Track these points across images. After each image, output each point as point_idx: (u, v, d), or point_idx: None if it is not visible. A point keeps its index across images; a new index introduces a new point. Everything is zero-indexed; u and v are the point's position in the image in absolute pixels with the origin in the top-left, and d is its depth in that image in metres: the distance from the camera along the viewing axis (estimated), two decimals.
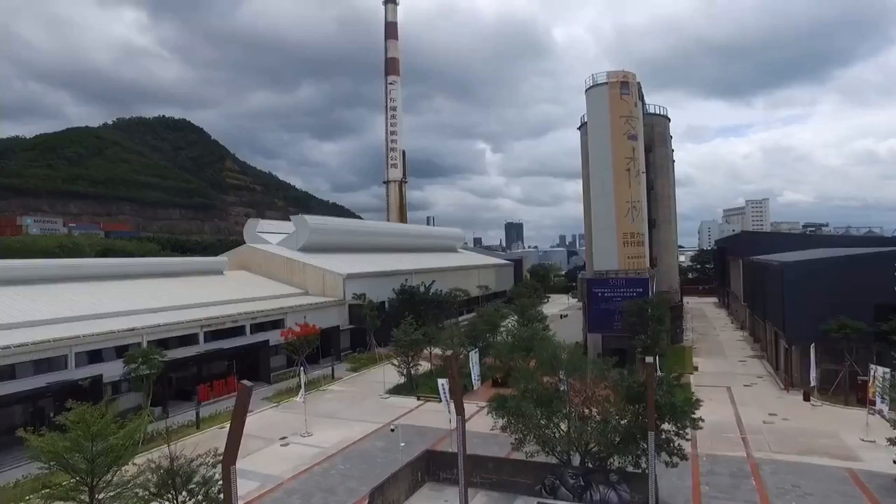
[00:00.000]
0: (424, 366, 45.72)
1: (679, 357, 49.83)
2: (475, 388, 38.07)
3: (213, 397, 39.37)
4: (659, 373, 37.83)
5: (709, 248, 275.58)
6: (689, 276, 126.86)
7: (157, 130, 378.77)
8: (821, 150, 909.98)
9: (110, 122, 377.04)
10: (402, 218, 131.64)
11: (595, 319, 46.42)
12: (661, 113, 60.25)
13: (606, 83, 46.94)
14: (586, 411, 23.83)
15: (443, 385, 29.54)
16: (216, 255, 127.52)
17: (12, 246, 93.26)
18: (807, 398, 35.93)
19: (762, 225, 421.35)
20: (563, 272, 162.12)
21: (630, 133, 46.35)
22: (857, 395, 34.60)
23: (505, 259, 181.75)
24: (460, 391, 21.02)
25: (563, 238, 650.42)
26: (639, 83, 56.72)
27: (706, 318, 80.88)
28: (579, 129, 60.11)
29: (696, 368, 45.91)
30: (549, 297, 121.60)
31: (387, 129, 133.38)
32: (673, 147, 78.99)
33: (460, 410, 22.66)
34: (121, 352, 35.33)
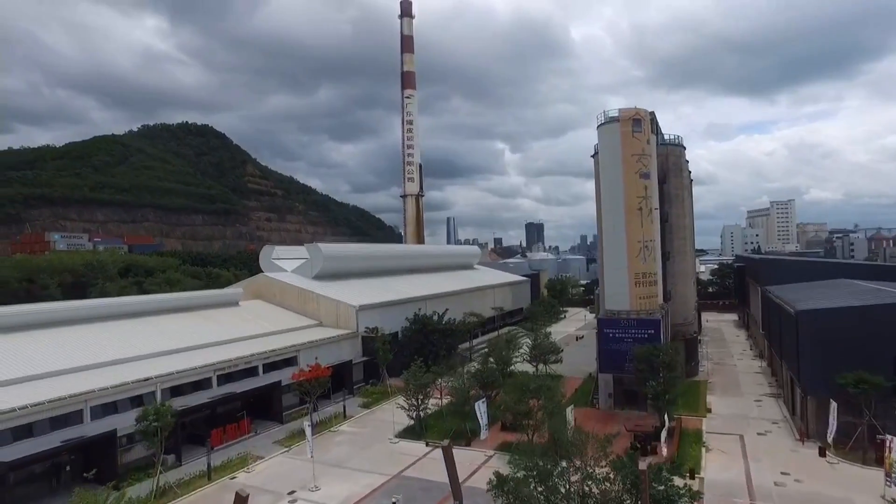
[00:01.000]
0: (434, 397, 45.48)
1: (693, 395, 49.10)
2: (483, 437, 38.07)
3: (225, 441, 39.99)
4: (668, 423, 37.53)
5: (731, 255, 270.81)
6: (710, 289, 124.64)
7: (179, 136, 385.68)
8: (849, 147, 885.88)
9: (135, 129, 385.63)
10: (419, 231, 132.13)
11: (606, 360, 46.02)
12: (676, 142, 59.39)
13: (618, 120, 46.42)
14: (586, 488, 23.69)
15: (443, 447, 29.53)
16: (236, 267, 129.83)
17: (40, 265, 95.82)
18: (822, 454, 35.12)
19: (787, 227, 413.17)
20: (583, 282, 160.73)
21: (642, 171, 45.81)
22: (875, 453, 33.71)
23: (525, 270, 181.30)
24: (457, 481, 21.13)
25: (584, 238, 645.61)
26: (652, 112, 56.07)
27: (724, 341, 79.51)
28: (593, 156, 59.51)
29: (709, 410, 45.19)
30: (566, 311, 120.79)
31: (403, 143, 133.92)
32: (691, 171, 77.96)
33: (458, 496, 22.76)
34: (136, 402, 36.20)
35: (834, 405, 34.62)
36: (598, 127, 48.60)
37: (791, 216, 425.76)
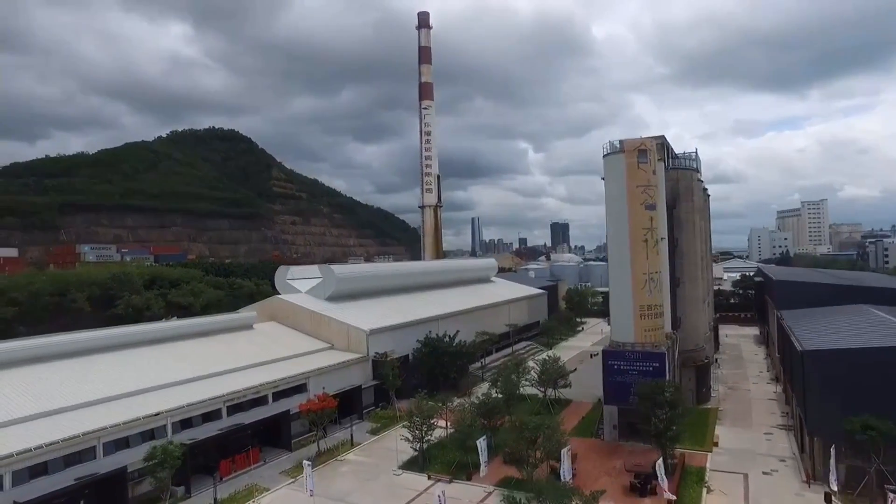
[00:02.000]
0: (440, 426, 45.76)
1: (701, 425, 48.58)
2: (483, 474, 38.41)
3: (234, 471, 41.18)
4: (668, 461, 37.40)
5: (759, 259, 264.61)
6: (732, 300, 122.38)
7: (207, 141, 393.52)
8: (887, 142, 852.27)
9: (164, 135, 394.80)
10: (437, 241, 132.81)
11: (610, 392, 45.98)
12: (688, 165, 58.77)
13: (623, 151, 46.23)
14: None
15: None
16: (258, 276, 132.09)
17: (70, 279, 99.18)
18: (828, 500, 34.48)
19: (819, 228, 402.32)
20: (603, 290, 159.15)
21: (648, 203, 45.55)
22: (884, 501, 33.01)
23: (546, 276, 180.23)
24: None
25: None
26: (662, 137, 55.76)
27: (741, 360, 78.17)
28: (603, 178, 59.24)
29: (715, 444, 44.69)
30: (585, 322, 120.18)
31: (421, 154, 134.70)
32: (706, 188, 76.92)
33: None
34: (147, 436, 37.61)
35: (834, 450, 34.05)
36: (604, 157, 48.52)
37: (823, 216, 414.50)
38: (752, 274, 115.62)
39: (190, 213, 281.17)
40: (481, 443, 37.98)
